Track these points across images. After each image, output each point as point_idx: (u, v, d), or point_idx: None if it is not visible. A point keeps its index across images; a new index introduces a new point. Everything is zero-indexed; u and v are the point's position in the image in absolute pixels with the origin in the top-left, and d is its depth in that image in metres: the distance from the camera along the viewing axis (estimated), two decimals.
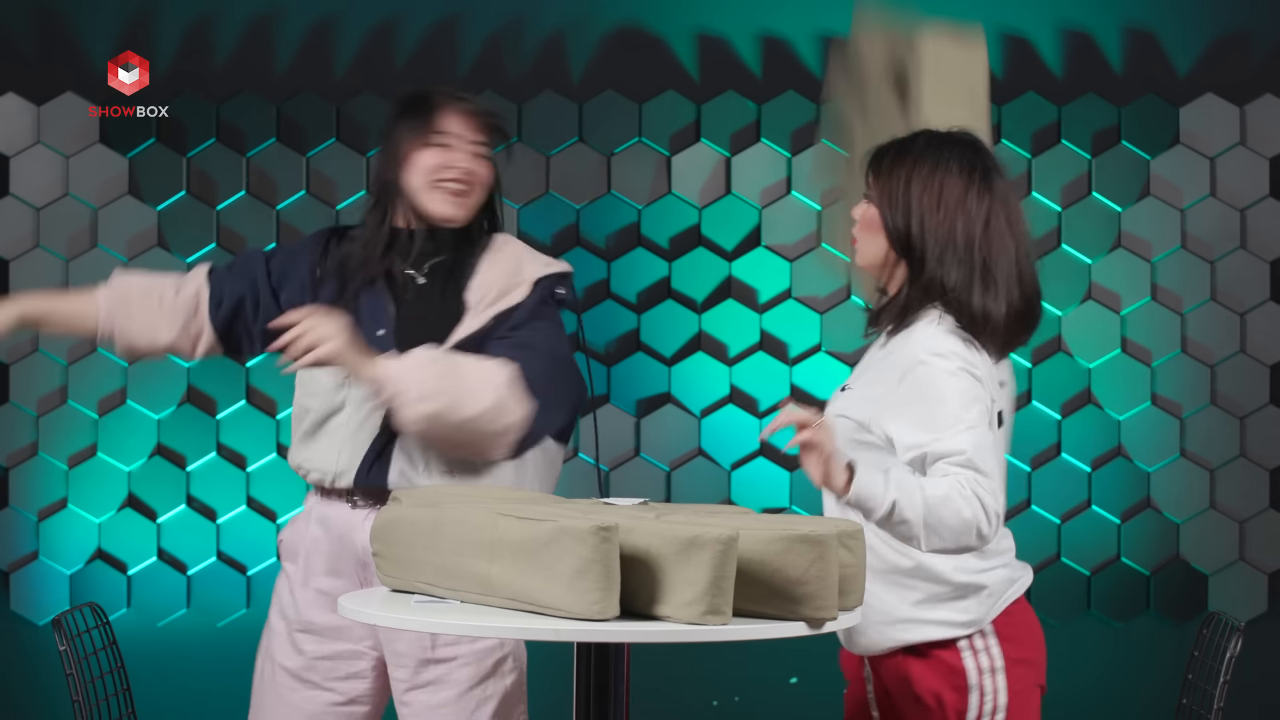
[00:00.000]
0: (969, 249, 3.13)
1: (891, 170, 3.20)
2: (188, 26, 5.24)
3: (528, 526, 2.88)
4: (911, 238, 3.16)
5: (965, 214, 3.15)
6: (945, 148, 3.20)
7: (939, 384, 3.05)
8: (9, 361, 5.21)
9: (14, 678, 5.23)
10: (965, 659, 3.17)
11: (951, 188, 3.16)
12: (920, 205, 3.15)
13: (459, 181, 3.54)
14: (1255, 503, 5.28)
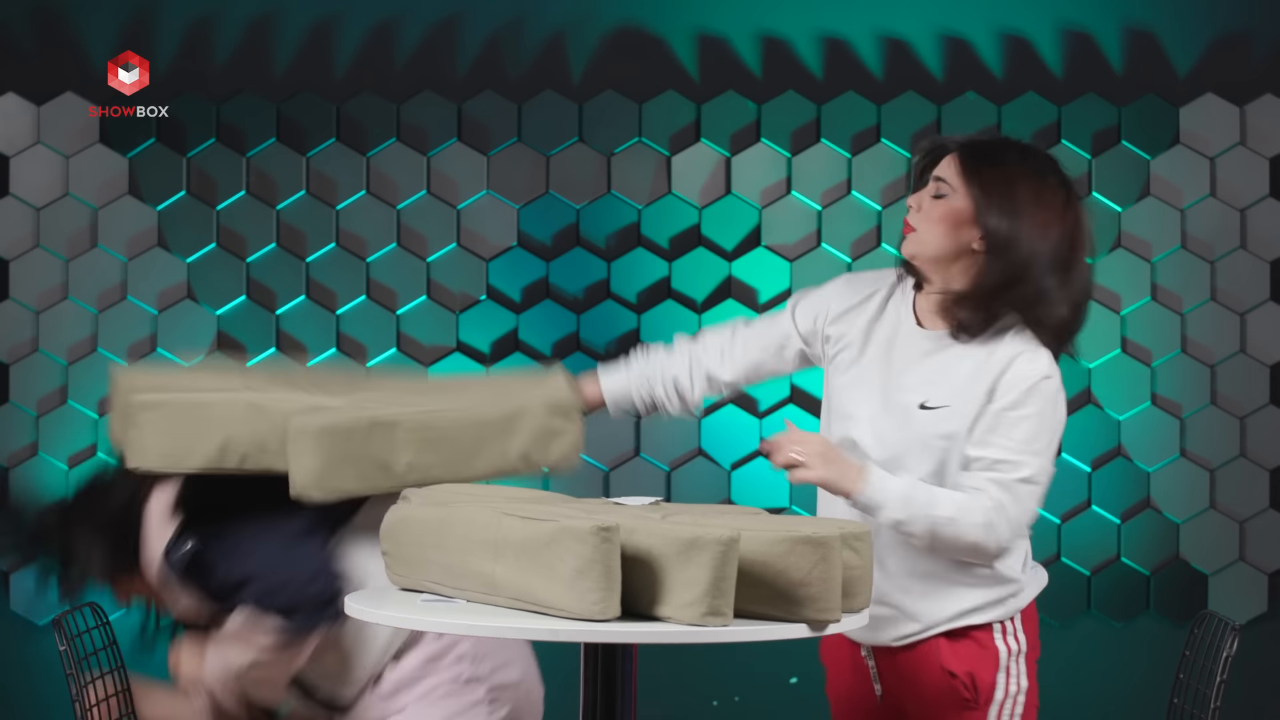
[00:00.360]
0: (1060, 261, 3.15)
1: (992, 167, 3.18)
2: (188, 26, 5.24)
3: (530, 526, 2.88)
4: (1010, 240, 3.15)
5: (1063, 226, 3.16)
6: (1041, 157, 3.22)
7: (1039, 408, 3.15)
8: (9, 361, 5.21)
9: (14, 678, 5.23)
10: (997, 641, 3.23)
11: (1053, 197, 3.17)
12: (1025, 208, 3.15)
13: None
14: (1255, 503, 5.28)
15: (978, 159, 3.19)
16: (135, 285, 5.21)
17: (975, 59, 5.27)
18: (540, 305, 5.25)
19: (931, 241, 3.20)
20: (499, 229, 5.25)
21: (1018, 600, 3.26)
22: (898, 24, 5.27)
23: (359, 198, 5.23)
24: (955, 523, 3.10)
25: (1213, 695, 3.38)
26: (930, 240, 3.20)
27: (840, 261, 5.25)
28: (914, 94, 5.26)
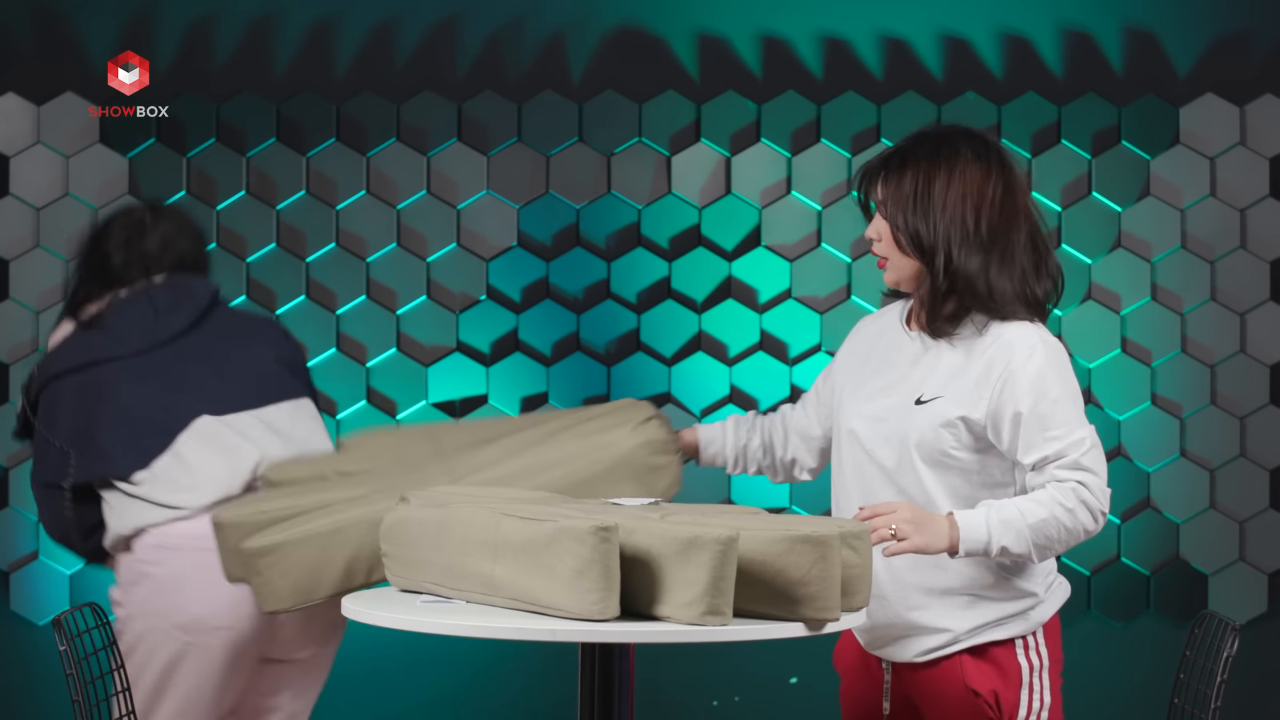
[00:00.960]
0: (985, 238, 3.19)
1: (900, 174, 3.22)
2: (188, 26, 5.24)
3: (530, 527, 2.88)
4: (922, 239, 3.20)
5: (979, 201, 3.20)
6: (956, 141, 3.24)
7: (1053, 386, 3.16)
8: (9, 361, 5.21)
9: (14, 678, 5.23)
10: (1019, 658, 3.23)
11: (968, 178, 3.20)
12: (936, 202, 3.19)
13: None
14: (1255, 503, 5.28)
15: (888, 171, 3.24)
16: None
17: (975, 59, 5.27)
18: (540, 305, 5.25)
19: (903, 265, 3.26)
20: (499, 229, 5.25)
21: (1038, 613, 3.28)
22: (898, 24, 5.27)
23: (359, 198, 5.23)
24: (1049, 524, 3.14)
25: (1213, 695, 3.38)
26: (902, 264, 3.26)
27: (840, 261, 5.25)
28: (914, 94, 5.26)
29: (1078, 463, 3.15)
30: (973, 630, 3.23)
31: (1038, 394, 3.15)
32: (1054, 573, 3.32)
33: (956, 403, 3.20)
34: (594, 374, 5.23)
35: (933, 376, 3.23)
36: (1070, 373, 3.22)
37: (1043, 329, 3.22)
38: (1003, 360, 3.18)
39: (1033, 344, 3.18)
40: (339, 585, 3.37)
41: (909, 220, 3.20)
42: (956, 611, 3.24)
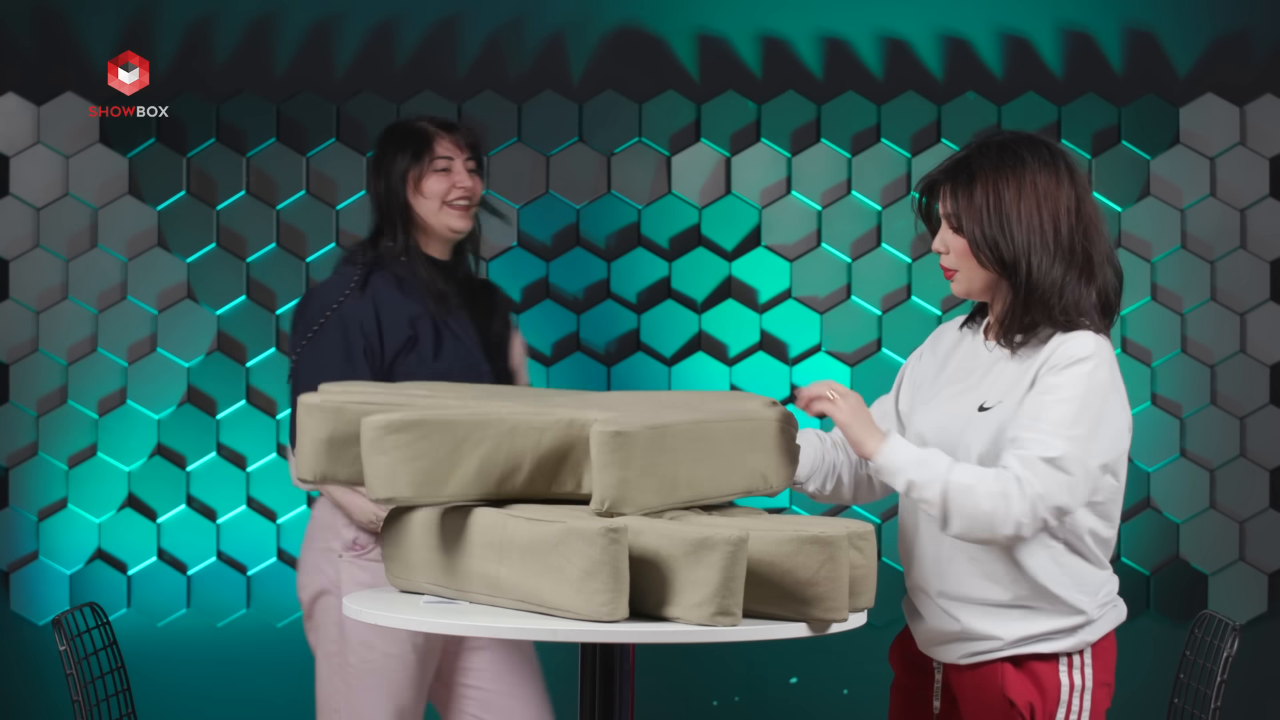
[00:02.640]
0: (1065, 246, 3.13)
1: (969, 184, 3.16)
2: (188, 26, 5.24)
3: (536, 528, 2.87)
4: (1002, 249, 3.14)
5: (1055, 208, 3.14)
6: (1020, 148, 3.18)
7: (1074, 390, 3.10)
8: (9, 361, 5.21)
9: (14, 678, 5.23)
10: (1061, 675, 3.18)
11: (1039, 185, 3.15)
12: (1010, 210, 3.13)
13: (464, 198, 3.97)
14: (1255, 503, 5.28)
15: (956, 183, 3.18)
16: (135, 285, 5.21)
17: (975, 59, 5.28)
18: (540, 305, 5.25)
19: (973, 275, 3.19)
20: (499, 229, 5.25)
21: (1088, 633, 3.20)
22: (898, 24, 5.27)
23: (359, 198, 5.23)
24: (971, 490, 3.04)
25: (1213, 695, 3.38)
26: (972, 274, 3.19)
27: (840, 261, 5.25)
28: (914, 94, 5.26)
29: (1032, 460, 3.05)
30: (1018, 641, 3.18)
31: (1051, 387, 3.10)
32: (1112, 594, 3.25)
33: (1010, 408, 3.14)
34: (594, 374, 5.23)
35: (998, 385, 3.18)
36: (1100, 396, 3.15)
37: (1104, 342, 3.17)
38: (1046, 367, 3.12)
39: (1083, 353, 3.12)
40: (468, 486, 3.03)
41: (987, 233, 3.13)
42: (1005, 622, 3.19)
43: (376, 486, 3.01)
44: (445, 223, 3.95)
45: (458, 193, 3.95)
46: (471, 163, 3.99)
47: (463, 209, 3.96)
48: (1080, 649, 3.20)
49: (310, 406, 3.13)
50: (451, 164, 3.96)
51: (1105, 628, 3.23)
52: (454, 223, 3.96)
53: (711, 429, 3.10)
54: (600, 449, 2.94)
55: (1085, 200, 3.17)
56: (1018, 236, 3.12)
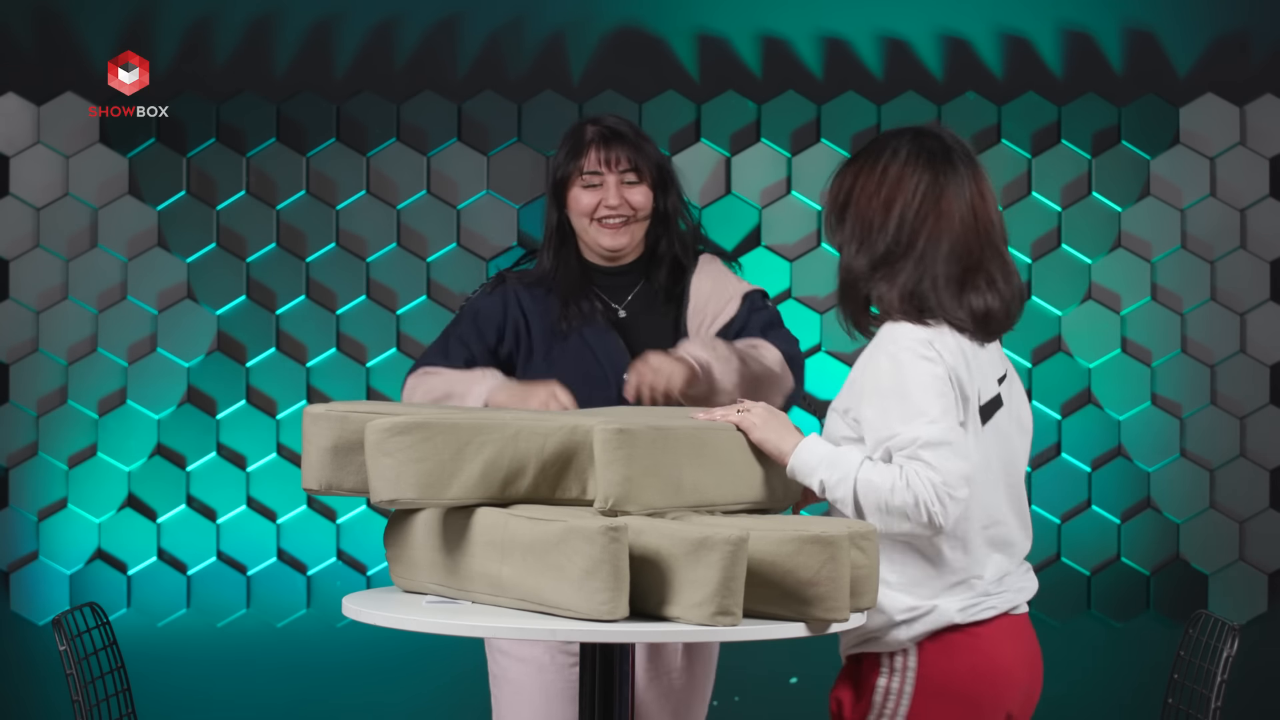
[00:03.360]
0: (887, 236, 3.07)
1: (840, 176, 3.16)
2: (188, 26, 5.24)
3: (538, 527, 2.87)
4: (833, 237, 3.16)
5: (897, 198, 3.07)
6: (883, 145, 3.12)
7: (901, 375, 3.00)
8: (9, 361, 5.21)
9: (14, 678, 5.22)
10: (880, 677, 3.07)
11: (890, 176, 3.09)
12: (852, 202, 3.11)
13: (614, 215, 3.68)
14: (1255, 503, 5.28)
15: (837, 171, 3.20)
16: (135, 285, 5.21)
17: (975, 59, 5.27)
18: None
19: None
20: (499, 229, 5.25)
21: (910, 631, 3.06)
22: (898, 24, 5.27)
23: (359, 198, 5.23)
24: (879, 488, 2.97)
25: (1213, 695, 3.38)
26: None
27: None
28: (914, 94, 5.26)
29: (916, 455, 2.96)
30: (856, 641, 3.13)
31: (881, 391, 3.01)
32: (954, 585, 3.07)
33: (842, 397, 3.13)
34: None
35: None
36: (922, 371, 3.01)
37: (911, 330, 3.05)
38: (866, 357, 3.08)
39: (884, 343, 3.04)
40: (472, 490, 3.03)
41: (827, 217, 3.16)
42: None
43: (381, 488, 3.02)
44: (598, 240, 3.70)
45: (603, 211, 3.68)
46: (630, 174, 3.68)
47: (613, 227, 3.69)
48: (899, 647, 3.06)
49: (315, 416, 3.13)
50: (603, 179, 3.68)
51: (935, 623, 3.05)
52: (605, 240, 3.70)
53: (716, 436, 3.11)
54: (604, 446, 2.95)
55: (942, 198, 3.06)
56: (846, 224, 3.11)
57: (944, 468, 2.96)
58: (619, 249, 3.70)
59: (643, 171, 3.69)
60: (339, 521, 5.22)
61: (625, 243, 3.69)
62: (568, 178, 3.70)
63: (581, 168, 3.68)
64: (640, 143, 3.72)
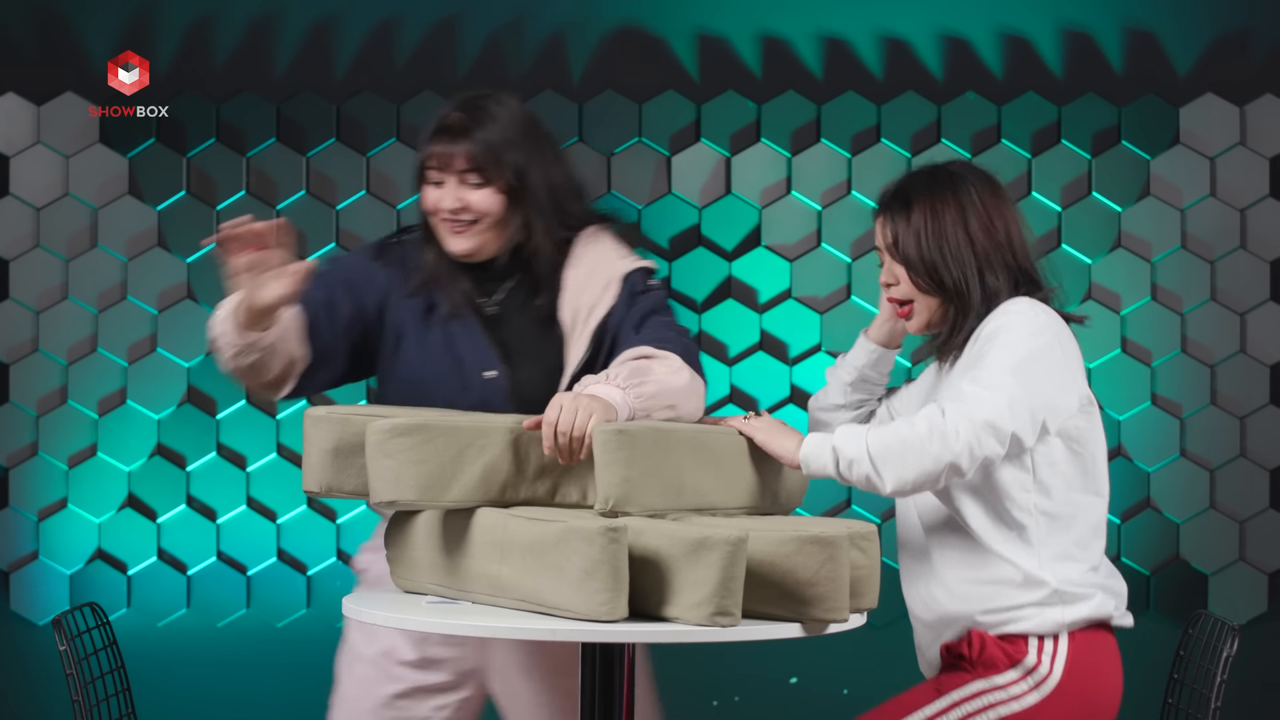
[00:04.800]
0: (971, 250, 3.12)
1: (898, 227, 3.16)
2: (188, 26, 5.24)
3: (537, 527, 2.88)
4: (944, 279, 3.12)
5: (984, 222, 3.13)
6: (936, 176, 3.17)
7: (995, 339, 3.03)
8: (9, 361, 5.21)
9: (14, 678, 5.23)
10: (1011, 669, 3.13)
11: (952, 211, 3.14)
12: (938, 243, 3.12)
13: (453, 219, 3.36)
14: (1255, 503, 5.28)
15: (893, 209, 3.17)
16: (135, 285, 5.21)
17: (975, 59, 5.28)
18: None
19: (922, 306, 3.18)
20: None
21: (1057, 612, 3.15)
22: (898, 24, 5.28)
23: (359, 198, 5.23)
24: (889, 433, 2.97)
25: (1213, 695, 3.38)
26: (921, 306, 3.18)
27: (841, 261, 5.25)
28: (914, 94, 5.26)
29: (954, 396, 3.00)
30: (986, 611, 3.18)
31: (978, 353, 3.06)
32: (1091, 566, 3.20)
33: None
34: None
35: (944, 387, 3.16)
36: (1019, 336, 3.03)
37: (1022, 302, 3.10)
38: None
39: (1008, 310, 3.08)
40: (472, 492, 3.00)
41: (925, 256, 3.12)
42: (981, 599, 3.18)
43: (381, 489, 3.02)
44: (444, 243, 3.39)
45: (443, 213, 3.37)
46: (473, 175, 3.34)
47: (456, 231, 3.36)
48: (1054, 631, 3.16)
49: (316, 418, 3.14)
50: (442, 176, 3.37)
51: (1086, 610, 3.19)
52: (451, 245, 3.37)
53: (716, 439, 3.11)
54: (603, 447, 2.95)
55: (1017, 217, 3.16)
56: (963, 259, 3.11)
57: (979, 406, 2.95)
58: (463, 254, 3.37)
59: (490, 173, 3.34)
60: (339, 521, 5.22)
61: (471, 247, 3.36)
62: (419, 167, 3.39)
63: (425, 161, 3.38)
64: (492, 137, 3.36)
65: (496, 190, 3.34)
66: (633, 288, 3.39)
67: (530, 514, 2.94)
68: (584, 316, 3.37)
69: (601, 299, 3.38)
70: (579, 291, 3.39)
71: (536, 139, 3.40)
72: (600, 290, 3.39)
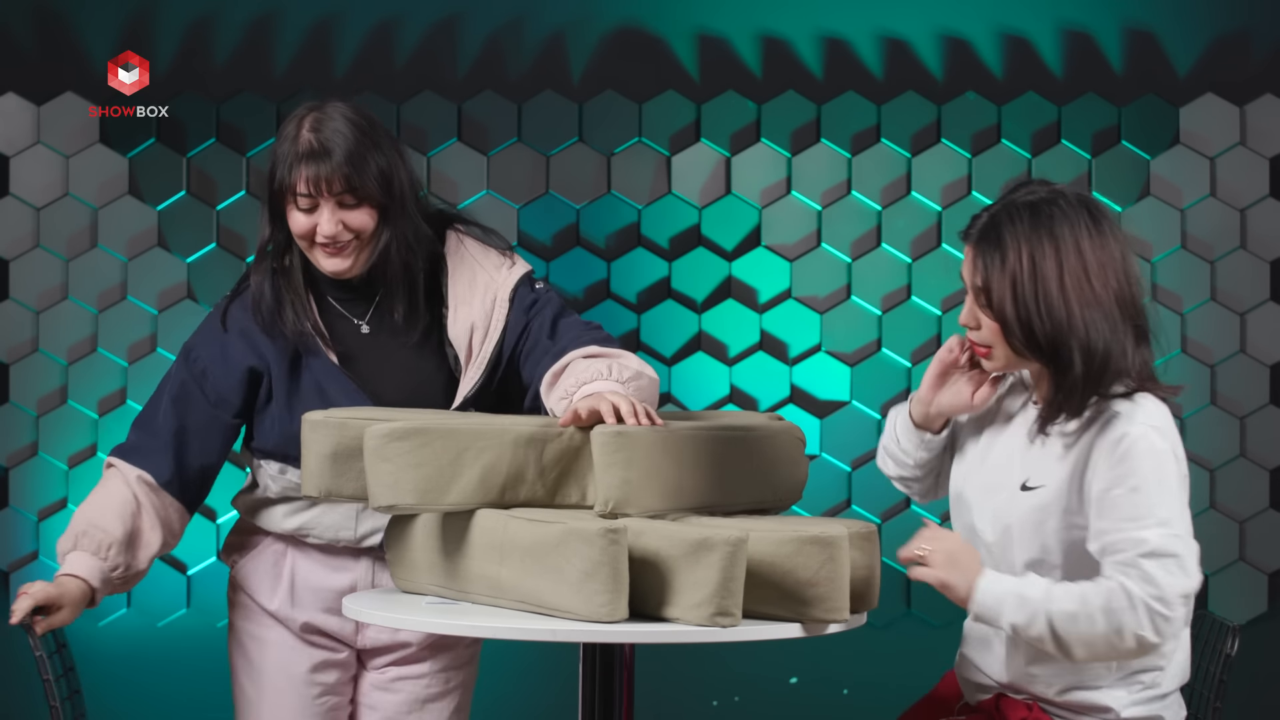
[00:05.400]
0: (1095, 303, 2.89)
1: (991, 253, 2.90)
2: (188, 26, 5.24)
3: (537, 529, 2.88)
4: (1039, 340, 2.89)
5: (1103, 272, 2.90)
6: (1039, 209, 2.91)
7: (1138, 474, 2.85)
8: (9, 361, 5.21)
9: (14, 677, 5.22)
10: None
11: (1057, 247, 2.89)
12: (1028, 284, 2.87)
13: (331, 243, 3.30)
14: (1255, 503, 5.28)
15: (980, 248, 2.93)
16: (135, 285, 5.21)
17: (975, 59, 5.28)
18: None
19: (1006, 355, 2.96)
20: (499, 229, 5.23)
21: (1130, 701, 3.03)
22: (898, 24, 5.28)
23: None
24: (1076, 618, 2.84)
25: (1212, 695, 3.38)
26: (1004, 354, 2.96)
27: (840, 261, 5.25)
28: (914, 94, 5.26)
29: (1132, 562, 2.83)
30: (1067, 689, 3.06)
31: (1115, 481, 2.87)
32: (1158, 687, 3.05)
33: (1054, 491, 2.94)
34: None
35: (1042, 462, 2.98)
36: (1166, 467, 2.87)
37: (1154, 406, 2.91)
38: (1104, 439, 2.89)
39: (1135, 430, 2.87)
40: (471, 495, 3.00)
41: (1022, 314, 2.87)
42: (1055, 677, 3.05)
43: (380, 494, 3.02)
44: (320, 265, 3.33)
45: (319, 237, 3.29)
46: (347, 196, 3.26)
47: (333, 253, 3.31)
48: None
49: (314, 423, 3.14)
50: (311, 202, 3.27)
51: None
52: (328, 265, 3.31)
53: (716, 437, 3.11)
54: (602, 449, 2.95)
55: (1129, 255, 2.93)
56: (1059, 316, 2.87)
57: (1165, 584, 2.82)
58: (340, 273, 3.32)
59: (360, 191, 3.27)
60: None
61: (349, 265, 3.31)
62: (281, 193, 3.28)
63: (294, 187, 3.26)
64: (358, 157, 3.26)
65: (369, 206, 3.29)
66: (523, 302, 3.39)
67: (530, 515, 2.94)
68: (480, 338, 3.37)
69: (493, 318, 3.38)
70: (465, 305, 3.39)
71: (385, 141, 3.34)
72: (489, 306, 3.39)
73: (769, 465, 3.17)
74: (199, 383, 3.46)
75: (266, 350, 3.38)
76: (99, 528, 3.41)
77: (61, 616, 3.34)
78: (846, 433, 5.20)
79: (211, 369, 3.44)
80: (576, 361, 3.23)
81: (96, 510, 3.41)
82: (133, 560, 3.47)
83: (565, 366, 3.24)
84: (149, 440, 3.48)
